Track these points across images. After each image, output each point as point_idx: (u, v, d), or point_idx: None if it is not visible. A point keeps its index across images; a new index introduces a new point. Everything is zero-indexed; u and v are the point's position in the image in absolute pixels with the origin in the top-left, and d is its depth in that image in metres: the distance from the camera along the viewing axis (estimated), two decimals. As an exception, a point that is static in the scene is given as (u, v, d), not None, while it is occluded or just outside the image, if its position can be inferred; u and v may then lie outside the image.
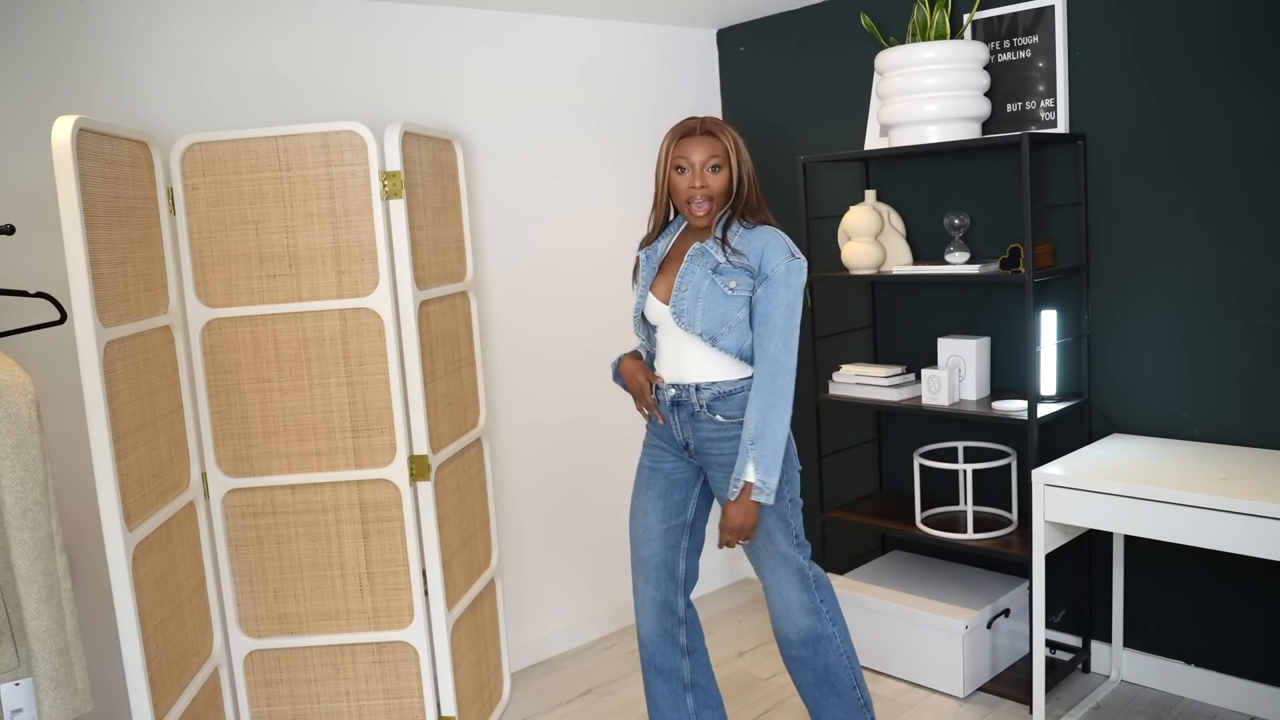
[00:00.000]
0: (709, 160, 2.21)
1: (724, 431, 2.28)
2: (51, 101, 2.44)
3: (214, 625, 2.60)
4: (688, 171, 2.23)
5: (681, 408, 2.31)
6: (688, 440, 2.33)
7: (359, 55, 2.98)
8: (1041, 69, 2.97)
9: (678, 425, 2.33)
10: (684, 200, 2.25)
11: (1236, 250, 2.69)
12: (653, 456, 2.42)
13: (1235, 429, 2.74)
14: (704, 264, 2.25)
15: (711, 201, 2.23)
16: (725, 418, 2.27)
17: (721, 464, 2.30)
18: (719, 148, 2.23)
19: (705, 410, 2.28)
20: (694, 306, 2.24)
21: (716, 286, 2.22)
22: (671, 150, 2.25)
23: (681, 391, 2.30)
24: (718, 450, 2.30)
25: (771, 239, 2.23)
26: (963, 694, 2.99)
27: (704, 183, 2.21)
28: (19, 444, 1.86)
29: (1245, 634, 2.79)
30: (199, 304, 2.54)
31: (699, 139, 2.23)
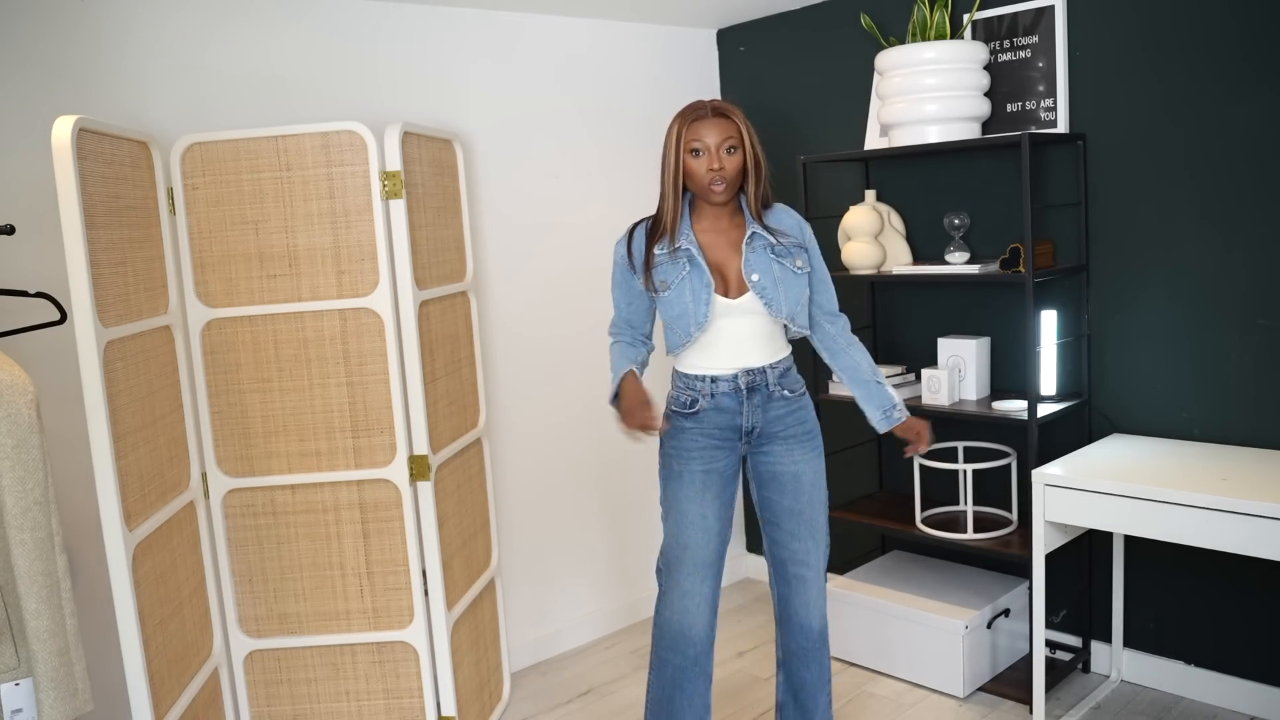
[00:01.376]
0: (724, 141, 2.18)
1: (791, 405, 2.33)
2: (51, 101, 2.44)
3: (214, 625, 2.60)
4: (704, 154, 2.19)
5: (755, 393, 2.29)
6: (755, 425, 2.32)
7: (359, 55, 2.98)
8: (1041, 69, 2.97)
9: (747, 412, 2.30)
10: (704, 182, 2.21)
11: (1237, 250, 2.69)
12: (705, 459, 2.32)
13: (1235, 429, 2.74)
14: (762, 248, 2.26)
15: (727, 181, 2.21)
16: (791, 391, 2.33)
17: (790, 435, 2.34)
18: (733, 128, 2.20)
19: (778, 388, 2.31)
20: (777, 292, 2.25)
21: (787, 269, 2.26)
22: (684, 134, 2.20)
23: (755, 376, 2.29)
24: (784, 425, 2.33)
25: (791, 212, 2.35)
26: (963, 694, 2.99)
27: (721, 164, 2.18)
28: (19, 444, 1.86)
29: (1245, 634, 2.79)
30: (199, 304, 2.54)
31: (712, 121, 2.19)
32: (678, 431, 2.34)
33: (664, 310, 2.29)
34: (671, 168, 2.23)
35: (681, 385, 2.34)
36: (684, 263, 2.25)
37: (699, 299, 2.24)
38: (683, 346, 2.31)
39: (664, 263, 2.27)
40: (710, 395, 2.30)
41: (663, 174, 2.26)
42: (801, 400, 2.36)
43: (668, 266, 2.27)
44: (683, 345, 2.30)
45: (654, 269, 2.28)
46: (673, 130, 2.21)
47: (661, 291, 2.28)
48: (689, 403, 2.32)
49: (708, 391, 2.30)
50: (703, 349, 2.31)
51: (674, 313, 2.27)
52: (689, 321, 2.26)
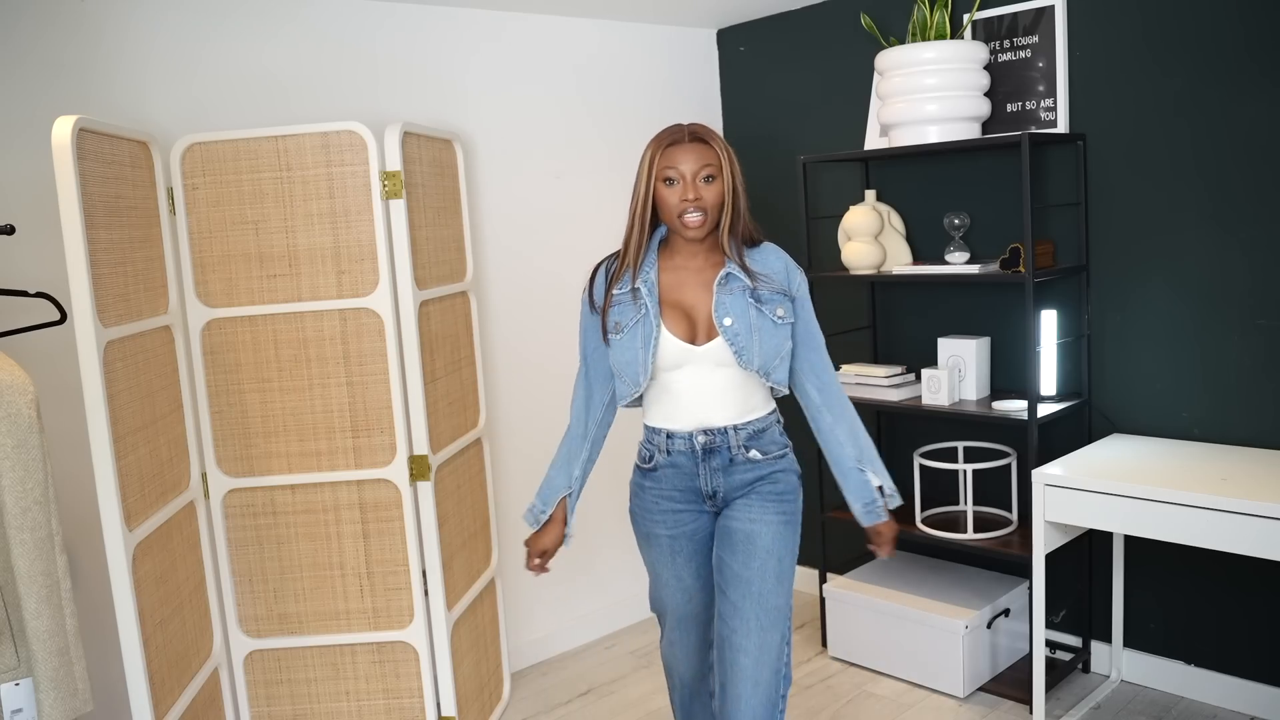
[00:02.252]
0: (701, 170, 1.96)
1: (760, 469, 2.06)
2: (51, 101, 2.44)
3: (214, 625, 2.60)
4: (678, 184, 1.97)
5: (714, 455, 2.04)
6: (715, 489, 2.07)
7: (359, 55, 2.98)
8: (1041, 69, 2.97)
9: (705, 475, 2.05)
10: (674, 214, 1.97)
11: (1237, 250, 2.69)
12: (670, 523, 2.10)
13: (1235, 429, 2.74)
14: (739, 290, 2.00)
15: (705, 214, 1.97)
16: (763, 454, 2.06)
17: (760, 492, 2.06)
18: (711, 156, 1.98)
19: (742, 451, 2.04)
20: (750, 340, 1.98)
21: (765, 316, 2.00)
22: (657, 160, 1.98)
23: (714, 437, 2.03)
24: (755, 489, 2.06)
25: (781, 254, 2.09)
26: (963, 694, 2.99)
27: (697, 194, 1.95)
28: (19, 444, 1.86)
29: (1245, 634, 2.79)
30: (199, 304, 2.54)
31: (689, 146, 1.97)
32: (638, 489, 2.15)
33: (613, 356, 2.05)
34: (641, 197, 2.01)
35: (645, 438, 2.13)
36: (641, 304, 2.01)
37: (648, 344, 2.00)
38: (628, 398, 2.08)
39: (622, 303, 2.03)
40: (666, 452, 2.07)
41: (631, 203, 2.03)
42: (778, 463, 2.07)
43: (625, 308, 2.03)
44: (629, 397, 2.07)
45: (610, 310, 2.04)
46: (645, 156, 2.01)
47: (613, 335, 2.03)
48: (647, 458, 2.11)
49: (664, 448, 2.07)
50: (662, 400, 2.07)
51: (623, 359, 2.03)
52: (637, 369, 2.02)
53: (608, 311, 2.05)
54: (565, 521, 2.18)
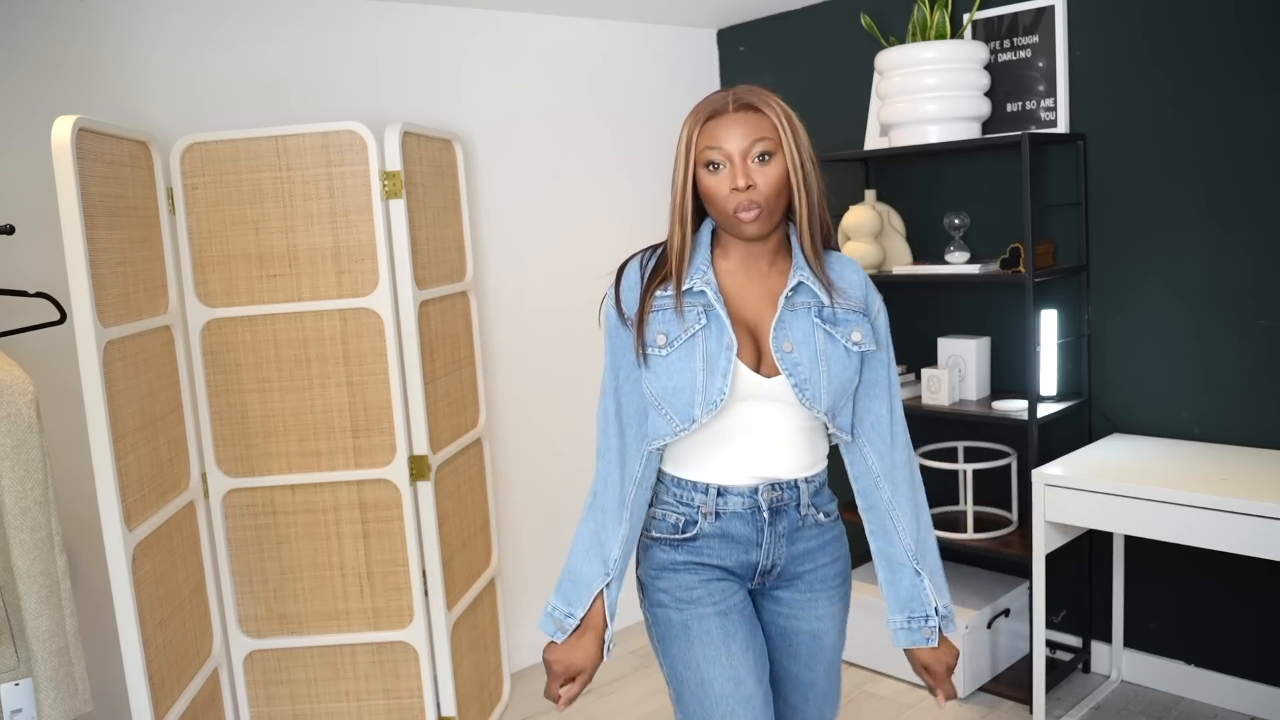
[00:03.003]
0: (753, 146, 1.50)
1: (824, 534, 1.66)
2: (51, 101, 2.44)
3: (214, 625, 2.60)
4: (724, 168, 1.51)
5: (781, 517, 1.60)
6: (776, 562, 1.62)
7: (359, 55, 2.97)
8: (1041, 69, 2.97)
9: (767, 544, 1.60)
10: (725, 209, 1.52)
11: (1236, 250, 2.68)
12: (717, 595, 1.61)
13: (1235, 429, 2.74)
14: (805, 307, 1.57)
15: (762, 207, 1.50)
16: (826, 515, 1.66)
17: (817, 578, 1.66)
18: (766, 126, 1.51)
19: (812, 510, 1.62)
20: (816, 372, 1.54)
21: (835, 342, 1.55)
22: (696, 139, 1.53)
23: (782, 493, 1.59)
24: (813, 563, 1.65)
25: (859, 268, 1.67)
26: (963, 694, 2.99)
27: (749, 180, 1.49)
28: (19, 444, 1.86)
29: (1245, 634, 2.79)
30: (199, 304, 2.54)
31: (735, 117, 1.51)
32: (663, 570, 1.62)
33: (655, 380, 1.55)
34: (680, 188, 1.55)
35: (671, 498, 1.62)
36: (698, 312, 1.54)
37: (714, 366, 1.52)
38: (676, 437, 1.55)
39: (664, 309, 1.56)
40: (715, 515, 1.59)
41: (671, 195, 1.58)
42: (835, 527, 1.68)
43: (669, 316, 1.55)
44: (677, 435, 1.55)
45: (649, 318, 1.56)
46: (681, 135, 1.55)
47: (656, 351, 1.55)
48: (680, 526, 1.60)
49: (711, 510, 1.59)
50: (710, 446, 1.58)
51: (671, 384, 1.53)
52: (694, 399, 1.52)
53: (645, 321, 1.56)
54: (604, 627, 1.61)
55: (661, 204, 1.52)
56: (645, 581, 1.66)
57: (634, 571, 1.69)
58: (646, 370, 1.56)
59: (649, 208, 3.57)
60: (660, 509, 1.63)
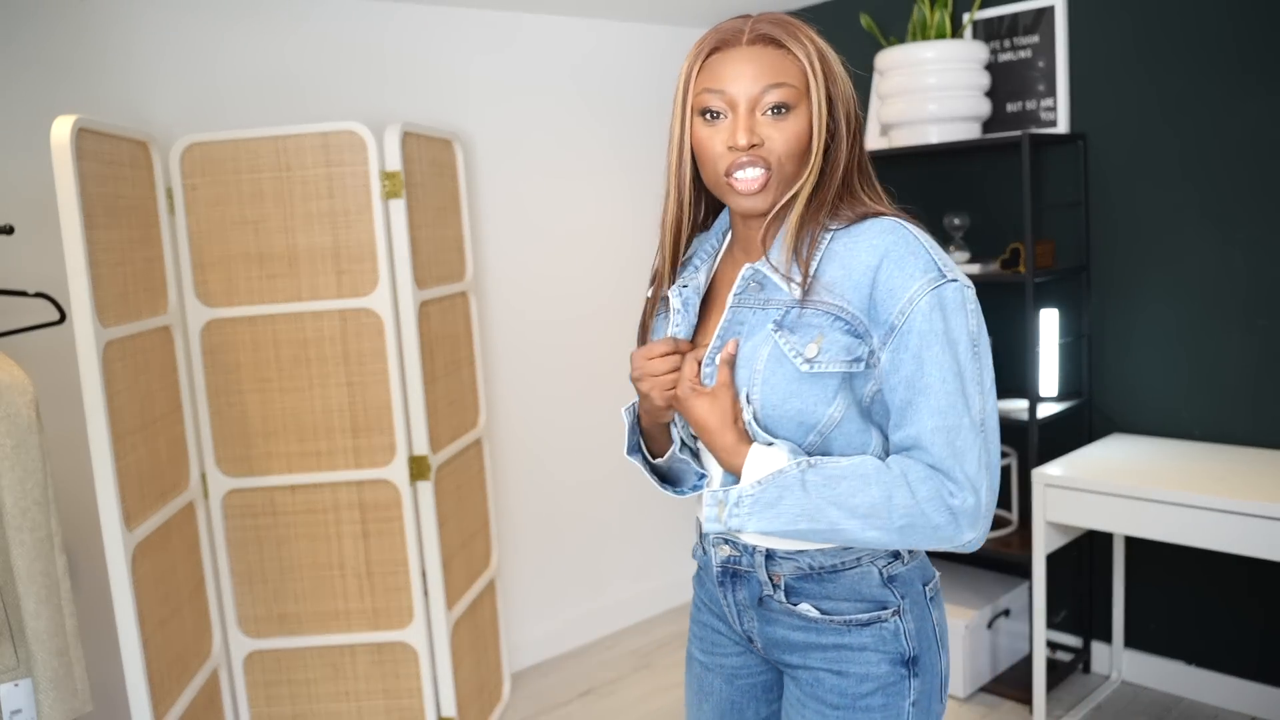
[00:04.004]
0: (766, 93, 1.14)
1: (820, 634, 1.23)
2: (51, 101, 2.44)
3: (213, 626, 2.60)
4: (724, 118, 1.16)
5: (740, 583, 1.27)
6: (751, 634, 1.31)
7: (359, 55, 2.97)
8: (1042, 69, 2.97)
9: (732, 608, 1.30)
10: (718, 172, 1.17)
11: (1237, 250, 2.68)
12: (704, 642, 1.39)
13: (1235, 429, 2.74)
14: (762, 309, 1.20)
15: (771, 171, 1.15)
16: (825, 613, 1.22)
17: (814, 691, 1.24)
18: (789, 68, 1.16)
19: (780, 595, 1.24)
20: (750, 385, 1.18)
21: (782, 359, 1.16)
22: (695, 77, 1.19)
23: (740, 557, 1.26)
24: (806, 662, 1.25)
25: (895, 240, 1.17)
26: (963, 694, 2.99)
27: (754, 137, 1.14)
28: (18, 444, 1.86)
29: (1245, 634, 2.79)
30: (198, 304, 2.54)
31: (748, 52, 1.16)
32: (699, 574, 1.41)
33: None
34: (677, 143, 1.22)
35: None
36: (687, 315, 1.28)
37: None
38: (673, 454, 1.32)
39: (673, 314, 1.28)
40: (701, 549, 1.35)
41: (666, 154, 1.25)
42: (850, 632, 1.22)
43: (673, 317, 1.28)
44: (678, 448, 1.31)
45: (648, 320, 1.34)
46: (681, 72, 1.23)
47: None
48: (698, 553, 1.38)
49: (698, 545, 1.37)
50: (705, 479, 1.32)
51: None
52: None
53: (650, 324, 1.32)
54: None
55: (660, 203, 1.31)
56: None
57: None
58: None
59: (648, 207, 3.57)
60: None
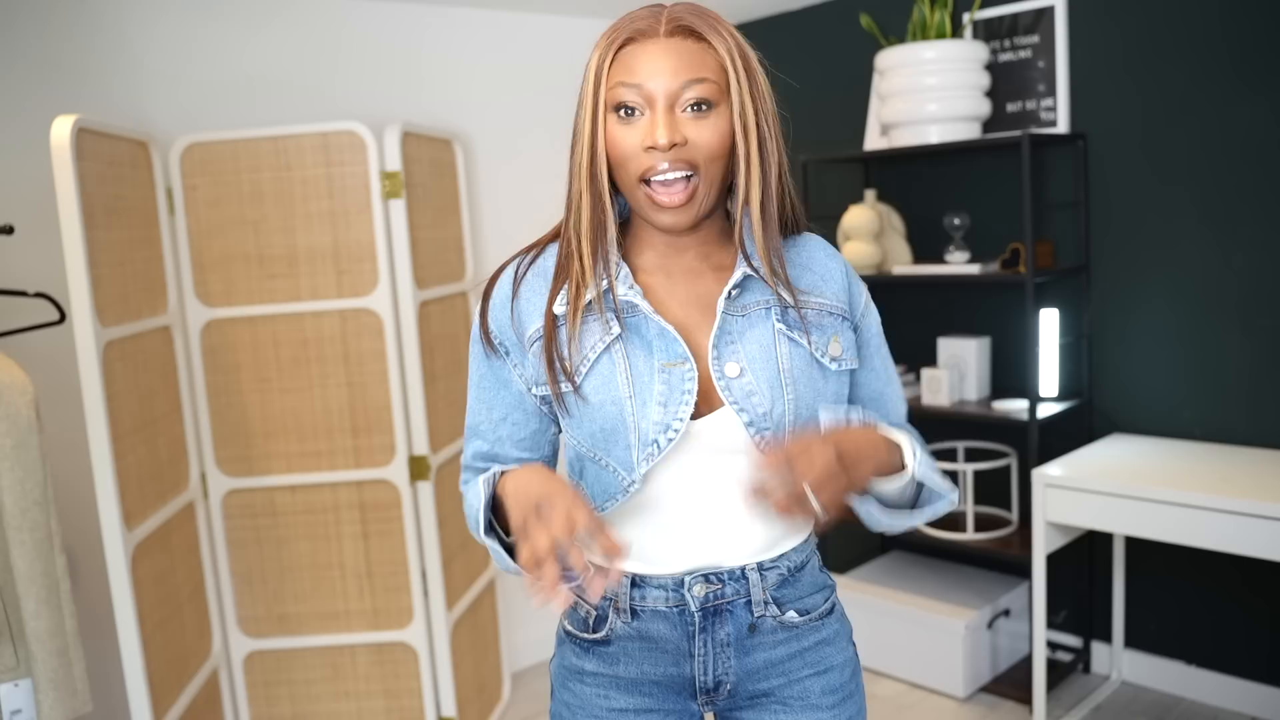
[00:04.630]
0: (686, 88, 1.07)
1: (801, 639, 1.21)
2: (51, 101, 2.44)
3: (213, 626, 2.60)
4: (640, 115, 1.08)
5: (722, 620, 1.17)
6: (721, 679, 1.19)
7: (359, 55, 2.97)
8: (1042, 69, 2.97)
9: (706, 656, 1.18)
10: (633, 177, 1.09)
11: (1237, 250, 2.68)
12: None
13: (1235, 429, 2.74)
14: (761, 310, 1.14)
15: (695, 177, 1.08)
16: (801, 612, 1.20)
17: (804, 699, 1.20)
18: (709, 63, 1.08)
19: (771, 609, 1.18)
20: (778, 401, 1.11)
21: (803, 355, 1.13)
22: (608, 69, 1.10)
23: (723, 587, 1.17)
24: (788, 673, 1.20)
25: (834, 252, 1.22)
26: (963, 694, 2.99)
27: (675, 135, 1.06)
28: (18, 444, 1.86)
29: (1246, 634, 2.79)
30: (198, 304, 2.54)
31: (666, 45, 1.08)
32: (568, 679, 1.23)
33: (579, 424, 1.13)
34: (586, 142, 1.12)
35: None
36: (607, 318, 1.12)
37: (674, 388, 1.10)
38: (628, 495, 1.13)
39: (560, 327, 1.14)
40: (631, 613, 1.18)
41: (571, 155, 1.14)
42: (824, 626, 1.22)
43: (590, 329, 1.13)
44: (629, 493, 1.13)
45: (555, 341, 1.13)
46: (590, 64, 1.13)
47: (569, 384, 1.12)
48: (590, 621, 1.21)
49: (626, 605, 1.18)
50: (626, 516, 1.16)
51: (604, 423, 1.11)
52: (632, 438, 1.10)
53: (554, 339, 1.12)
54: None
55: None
56: (553, 680, 1.27)
57: None
58: (568, 412, 1.14)
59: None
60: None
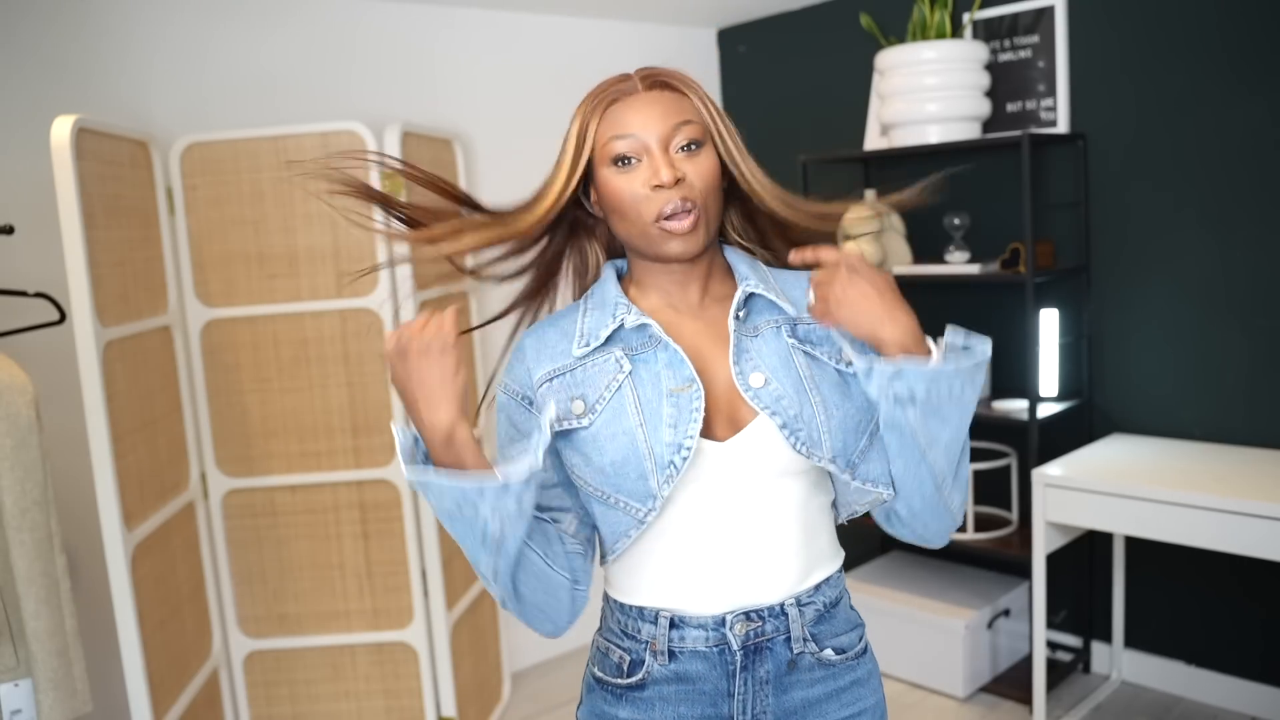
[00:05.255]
0: (677, 131, 1.13)
1: (836, 679, 1.20)
2: (51, 101, 2.43)
3: (213, 626, 2.60)
4: (638, 162, 1.13)
5: (762, 658, 1.15)
6: (760, 717, 1.17)
7: (359, 55, 2.97)
8: (1042, 69, 2.97)
9: (745, 695, 1.16)
10: (646, 220, 1.12)
11: (1237, 249, 2.68)
12: None
13: (1235, 429, 2.74)
14: (771, 326, 1.17)
15: (699, 209, 1.12)
16: (839, 651, 1.20)
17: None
18: (688, 108, 1.16)
19: (810, 645, 1.17)
20: (804, 405, 1.12)
21: (821, 364, 1.16)
22: (597, 128, 1.16)
23: (763, 625, 1.14)
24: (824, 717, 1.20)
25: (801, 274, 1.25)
26: (963, 694, 2.99)
27: (677, 171, 1.11)
28: (18, 444, 1.86)
29: (1245, 634, 2.79)
30: (198, 304, 2.54)
31: (648, 97, 1.15)
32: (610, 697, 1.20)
33: (589, 461, 1.12)
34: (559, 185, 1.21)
35: (616, 625, 1.19)
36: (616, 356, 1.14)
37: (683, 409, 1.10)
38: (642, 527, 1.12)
39: (573, 370, 1.15)
40: (669, 655, 1.15)
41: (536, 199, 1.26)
42: (857, 668, 1.23)
43: (581, 374, 1.14)
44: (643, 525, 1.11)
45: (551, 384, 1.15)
46: (571, 129, 1.20)
47: (572, 423, 1.12)
48: (625, 667, 1.18)
49: (664, 647, 1.15)
50: (659, 555, 1.14)
51: (614, 455, 1.10)
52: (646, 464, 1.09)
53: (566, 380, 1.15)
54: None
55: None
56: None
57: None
58: (571, 449, 1.13)
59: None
60: (603, 638, 1.22)
